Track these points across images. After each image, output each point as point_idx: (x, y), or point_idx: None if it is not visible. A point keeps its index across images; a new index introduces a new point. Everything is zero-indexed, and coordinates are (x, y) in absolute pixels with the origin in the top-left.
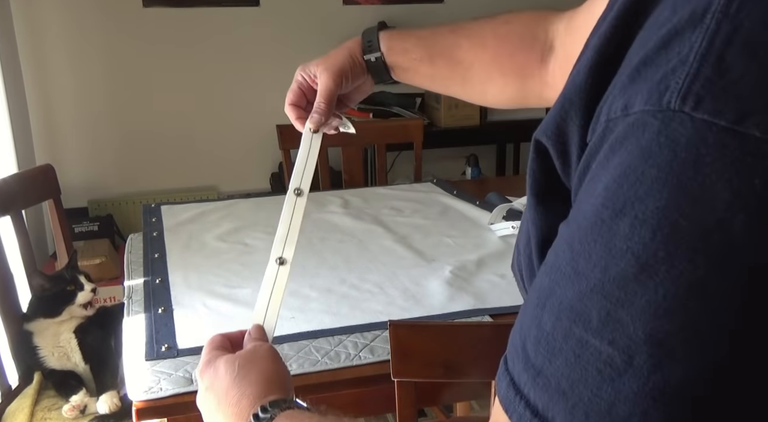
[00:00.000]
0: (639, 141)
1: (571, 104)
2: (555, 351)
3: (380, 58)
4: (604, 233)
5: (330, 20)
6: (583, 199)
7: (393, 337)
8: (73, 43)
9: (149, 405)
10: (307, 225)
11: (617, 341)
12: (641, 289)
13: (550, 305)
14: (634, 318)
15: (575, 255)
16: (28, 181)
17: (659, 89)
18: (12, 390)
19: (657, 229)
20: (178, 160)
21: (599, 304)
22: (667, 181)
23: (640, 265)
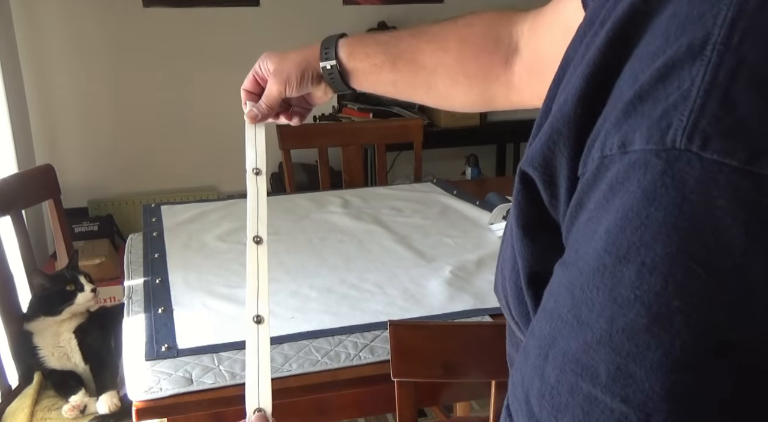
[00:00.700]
0: (641, 182)
1: (559, 135)
2: (561, 406)
3: (336, 67)
4: (607, 281)
5: (330, 20)
6: (582, 241)
7: (393, 337)
8: (73, 43)
9: (149, 405)
10: (307, 225)
11: (631, 398)
12: (655, 341)
13: (553, 356)
14: (648, 372)
15: (577, 303)
16: (28, 181)
17: (660, 126)
18: (12, 390)
19: (669, 277)
20: (178, 160)
21: (607, 357)
22: (676, 225)
23: (652, 315)
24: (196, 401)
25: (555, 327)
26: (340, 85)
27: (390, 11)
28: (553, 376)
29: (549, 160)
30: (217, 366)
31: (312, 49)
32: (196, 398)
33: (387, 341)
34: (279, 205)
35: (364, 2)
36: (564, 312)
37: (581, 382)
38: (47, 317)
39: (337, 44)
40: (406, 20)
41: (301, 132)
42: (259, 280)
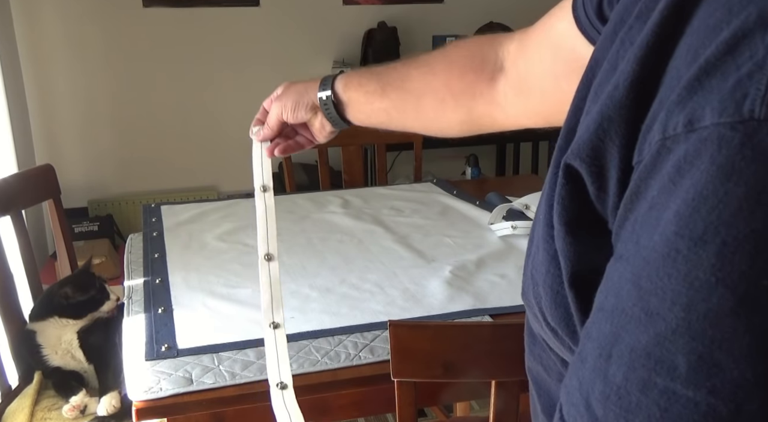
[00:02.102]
0: (715, 158)
1: (610, 123)
2: (632, 406)
3: (330, 97)
4: (681, 266)
5: (330, 20)
6: (644, 231)
7: (393, 337)
8: (73, 43)
9: (149, 405)
10: (307, 225)
11: (719, 388)
12: (742, 325)
13: (618, 354)
14: (738, 359)
15: (644, 294)
16: (28, 181)
17: (735, 98)
18: (12, 390)
19: (756, 255)
20: (178, 160)
21: (687, 347)
22: (760, 199)
23: (738, 297)
24: (196, 401)
25: (618, 323)
26: (335, 117)
27: (390, 11)
28: (619, 375)
29: (598, 150)
30: (217, 366)
31: (315, 81)
32: (196, 398)
33: (387, 341)
34: (279, 205)
35: (364, 2)
36: (628, 307)
37: (655, 377)
38: (62, 319)
39: (336, 77)
40: (406, 20)
41: None
42: (272, 295)
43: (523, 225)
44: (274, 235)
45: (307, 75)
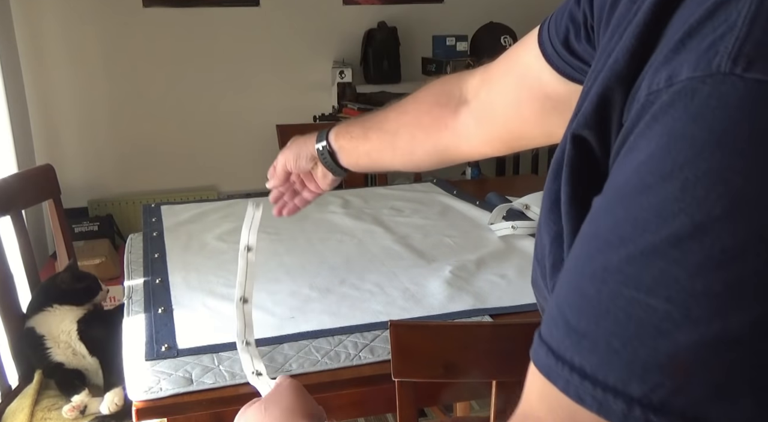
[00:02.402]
0: (687, 107)
1: (612, 91)
2: (601, 313)
3: (326, 147)
4: (651, 198)
5: (330, 20)
6: (622, 170)
7: (393, 337)
8: (73, 43)
9: (149, 405)
10: (307, 225)
11: (674, 297)
12: (697, 246)
13: (591, 272)
14: (691, 274)
15: (619, 222)
16: (28, 181)
17: (708, 56)
18: (12, 390)
19: (711, 188)
20: (178, 160)
21: (653, 264)
22: (720, 142)
23: (695, 225)
24: (196, 401)
25: (593, 246)
26: (332, 164)
27: (390, 11)
28: (592, 289)
29: (603, 117)
30: (217, 366)
31: (314, 134)
32: (196, 398)
33: (387, 341)
34: None
35: (364, 2)
36: (603, 232)
37: (624, 289)
38: (62, 305)
39: (330, 129)
40: (406, 20)
41: (301, 132)
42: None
43: (522, 225)
44: (252, 285)
45: (307, 75)
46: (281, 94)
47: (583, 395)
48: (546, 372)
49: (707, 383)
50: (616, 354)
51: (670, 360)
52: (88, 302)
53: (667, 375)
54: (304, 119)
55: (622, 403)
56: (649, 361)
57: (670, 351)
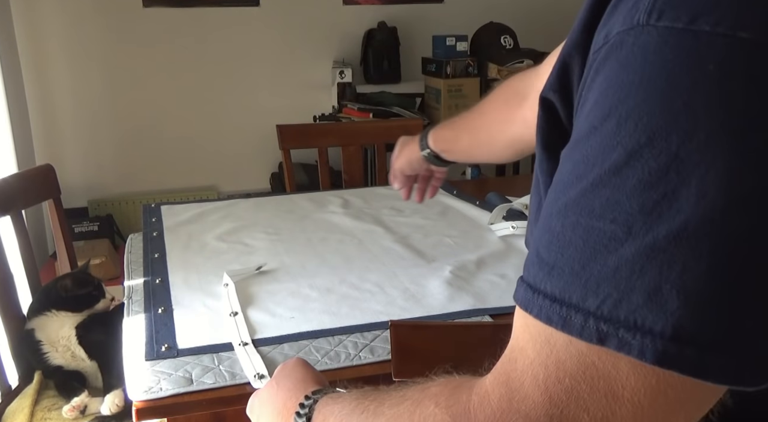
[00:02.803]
0: (618, 57)
1: (571, 58)
2: (565, 244)
3: (430, 153)
4: (597, 137)
5: (330, 20)
6: (578, 122)
7: (393, 337)
8: (73, 43)
9: (149, 405)
10: (307, 225)
11: (617, 218)
12: (631, 171)
13: (557, 211)
14: (629, 195)
15: (575, 165)
16: (28, 181)
17: (631, 13)
18: (12, 390)
19: (638, 120)
20: (178, 160)
21: (600, 193)
22: (641, 81)
23: (628, 153)
24: (196, 401)
25: (559, 190)
26: (438, 163)
27: (390, 11)
28: (558, 225)
29: (565, 81)
30: (217, 366)
31: (416, 140)
32: (196, 398)
33: (387, 341)
34: (279, 205)
35: (364, 2)
36: (565, 176)
37: (581, 219)
38: (60, 311)
39: (426, 134)
40: (406, 20)
41: (301, 132)
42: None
43: (522, 225)
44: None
45: (307, 75)
46: (281, 95)
47: (552, 315)
48: (524, 304)
49: (642, 290)
50: (577, 276)
51: (615, 273)
52: (87, 309)
53: (614, 286)
54: (304, 118)
55: (581, 317)
56: (600, 276)
57: (616, 264)
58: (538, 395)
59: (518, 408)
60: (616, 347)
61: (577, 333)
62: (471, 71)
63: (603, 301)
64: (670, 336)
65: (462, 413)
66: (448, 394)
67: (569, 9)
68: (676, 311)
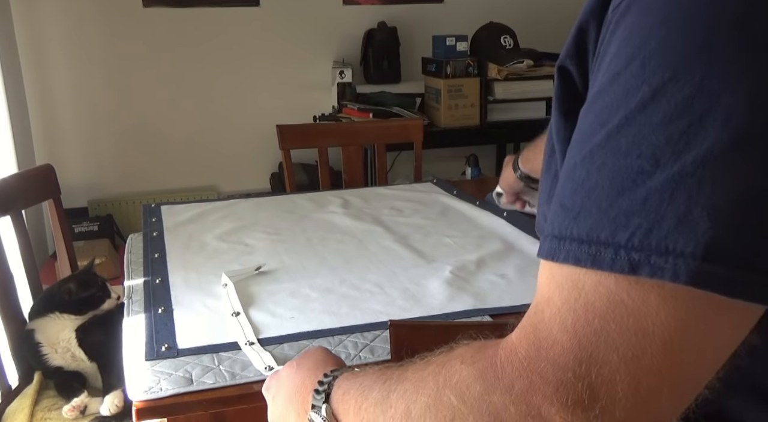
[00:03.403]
0: (639, 5)
1: (588, 24)
2: (591, 187)
3: (522, 174)
4: (620, 82)
5: (330, 20)
6: (596, 78)
7: (393, 337)
8: (73, 43)
9: (149, 405)
10: (307, 225)
11: (645, 152)
12: (657, 106)
13: (581, 159)
14: (655, 129)
15: (597, 114)
16: (28, 181)
17: None
18: (12, 390)
19: (661, 59)
20: (178, 160)
21: (626, 132)
22: (663, 22)
23: (653, 89)
24: (196, 401)
25: (582, 140)
26: (531, 183)
27: (390, 11)
28: (583, 172)
29: (581, 46)
30: (217, 366)
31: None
32: (196, 398)
33: (387, 341)
34: (279, 205)
35: (364, 2)
36: (586, 129)
37: (607, 160)
38: (63, 314)
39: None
40: (406, 20)
41: (301, 132)
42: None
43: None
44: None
45: (307, 75)
46: (281, 94)
47: (580, 256)
48: (549, 254)
49: (672, 216)
50: (605, 213)
51: (645, 203)
52: (92, 311)
53: (644, 217)
54: (304, 119)
55: (611, 251)
56: (629, 209)
57: (644, 195)
58: (566, 340)
59: (546, 356)
60: (648, 274)
61: (608, 267)
62: (471, 71)
63: (633, 233)
64: (702, 255)
65: (489, 366)
66: (473, 351)
67: (569, 9)
68: (707, 232)
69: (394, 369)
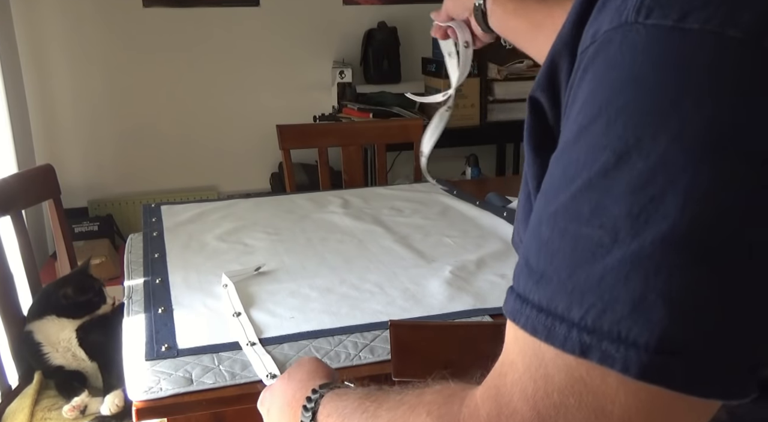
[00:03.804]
0: (606, 56)
1: (560, 56)
2: (554, 251)
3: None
4: (585, 139)
5: (330, 20)
6: (567, 123)
7: (393, 337)
8: (73, 43)
9: (149, 405)
10: (307, 225)
11: (605, 223)
12: (620, 173)
13: (547, 217)
14: (616, 199)
15: (565, 168)
16: (28, 181)
17: (619, 11)
18: (12, 390)
19: (627, 121)
20: (178, 160)
21: (589, 197)
22: (629, 80)
23: (617, 155)
24: (196, 401)
25: (549, 195)
26: (485, 26)
27: (390, 11)
28: (547, 232)
29: (553, 79)
30: (217, 366)
31: None
32: (196, 398)
33: (387, 341)
34: (279, 205)
35: (364, 2)
36: (554, 181)
37: (570, 225)
38: (60, 318)
39: None
40: (406, 20)
41: (301, 132)
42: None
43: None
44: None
45: (307, 75)
46: (281, 95)
47: (537, 326)
48: (512, 315)
49: (627, 299)
50: (563, 285)
51: (601, 281)
52: (88, 315)
53: (598, 296)
54: (304, 119)
55: (564, 328)
56: (585, 285)
57: (601, 272)
58: (526, 410)
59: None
60: (598, 360)
61: (560, 345)
62: (471, 71)
63: (587, 311)
64: (655, 348)
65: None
66: (440, 403)
67: None
68: (661, 322)
69: (372, 399)
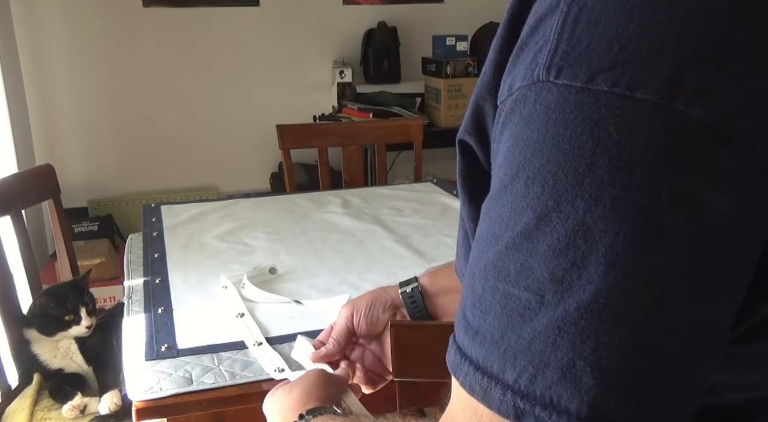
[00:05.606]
0: (522, 113)
1: (483, 100)
2: (486, 308)
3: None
4: (507, 197)
5: (330, 20)
6: (492, 174)
7: (393, 337)
8: (73, 43)
9: (149, 405)
10: (307, 225)
11: (531, 286)
12: (541, 236)
13: (479, 271)
14: (540, 262)
15: (492, 222)
16: (28, 181)
17: (531, 67)
18: (12, 390)
19: (544, 183)
20: (178, 160)
21: (514, 257)
22: (545, 141)
23: (537, 217)
24: (196, 401)
25: (479, 248)
26: (422, 308)
27: (390, 11)
28: (479, 287)
29: (480, 123)
30: (217, 366)
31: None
32: (196, 398)
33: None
34: (279, 205)
35: (364, 2)
36: (484, 233)
37: (499, 283)
38: (41, 334)
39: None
40: (406, 20)
41: (301, 132)
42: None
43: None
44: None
45: (307, 75)
46: (281, 94)
47: (474, 385)
48: (453, 368)
49: (556, 365)
50: (497, 345)
51: (531, 345)
52: (59, 333)
53: (529, 360)
54: (304, 119)
55: (500, 390)
56: (517, 348)
57: (531, 335)
58: None
59: None
60: None
61: (496, 408)
62: (471, 71)
63: (519, 375)
64: (586, 415)
65: None
66: None
67: None
68: (591, 390)
69: None
